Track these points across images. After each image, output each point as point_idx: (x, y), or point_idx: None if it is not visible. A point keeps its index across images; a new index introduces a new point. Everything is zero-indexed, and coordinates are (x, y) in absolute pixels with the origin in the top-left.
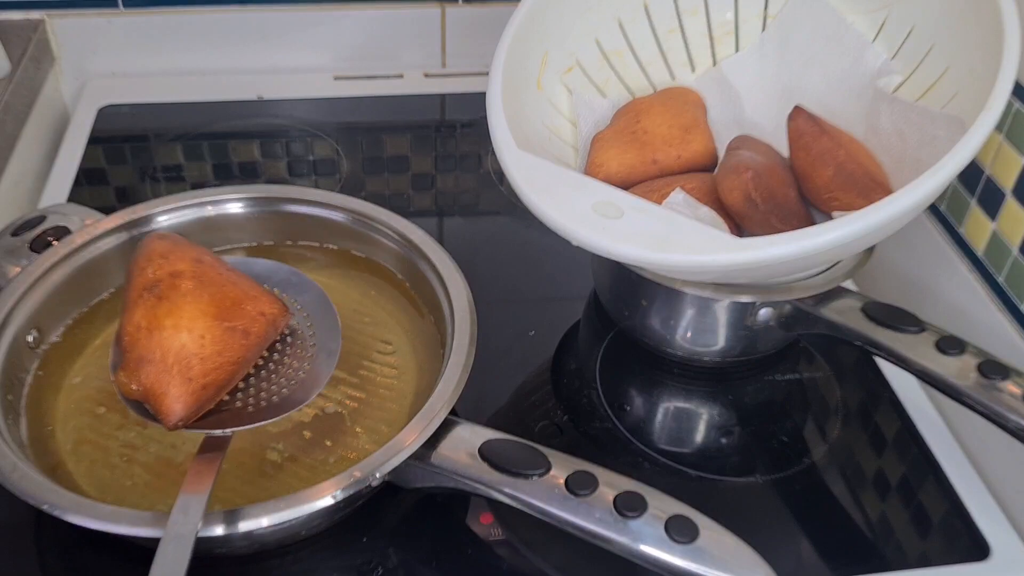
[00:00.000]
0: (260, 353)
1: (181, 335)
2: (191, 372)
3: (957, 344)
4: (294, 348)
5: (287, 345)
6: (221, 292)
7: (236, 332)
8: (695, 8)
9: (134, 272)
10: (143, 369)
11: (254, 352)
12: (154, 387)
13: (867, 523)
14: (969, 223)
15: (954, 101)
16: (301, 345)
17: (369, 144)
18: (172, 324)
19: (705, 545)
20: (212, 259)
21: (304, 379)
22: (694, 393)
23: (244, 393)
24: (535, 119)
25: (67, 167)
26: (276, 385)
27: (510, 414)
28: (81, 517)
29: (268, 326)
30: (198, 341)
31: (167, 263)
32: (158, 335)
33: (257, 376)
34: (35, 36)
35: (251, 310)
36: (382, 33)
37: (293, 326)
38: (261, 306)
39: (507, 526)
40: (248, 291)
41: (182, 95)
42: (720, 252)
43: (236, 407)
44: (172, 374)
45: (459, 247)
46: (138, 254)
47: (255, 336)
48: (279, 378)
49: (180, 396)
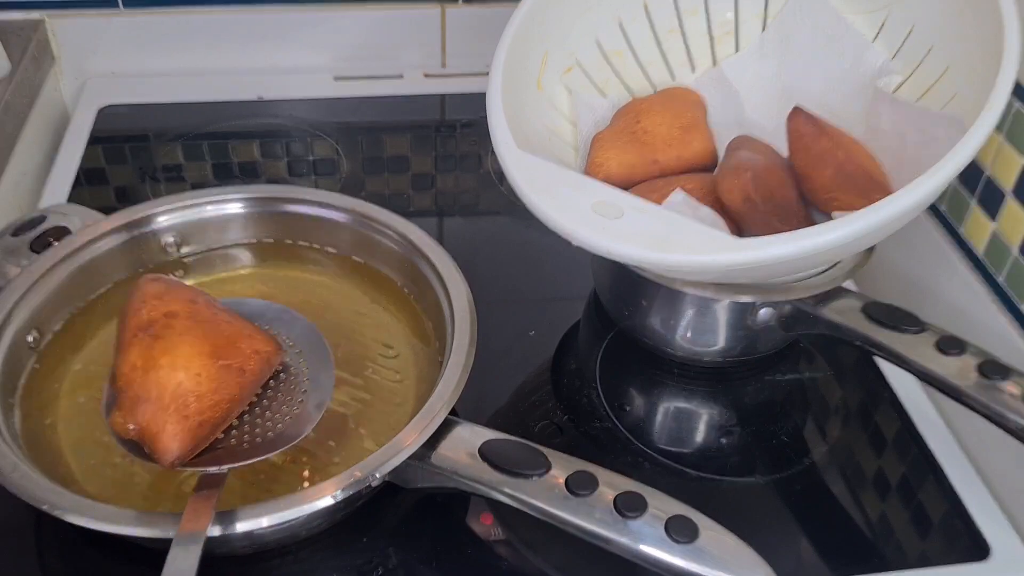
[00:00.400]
0: (255, 390)
1: (177, 374)
2: (188, 410)
3: (957, 344)
4: (287, 384)
5: (280, 382)
6: (216, 331)
7: (232, 370)
8: (695, 8)
9: (128, 313)
10: (139, 408)
11: (249, 389)
12: (150, 426)
13: (867, 523)
14: (969, 223)
15: (954, 101)
16: (295, 381)
17: (369, 144)
18: (168, 363)
19: (705, 545)
20: (206, 299)
21: (298, 414)
22: (694, 393)
23: (239, 430)
24: (535, 119)
25: (67, 167)
26: (271, 421)
27: (510, 414)
28: (81, 517)
29: (263, 363)
30: (194, 379)
31: (161, 303)
32: (154, 374)
33: (251, 413)
34: (35, 36)
35: (246, 348)
36: (382, 33)
37: (286, 362)
38: (256, 344)
39: (507, 526)
40: (242, 329)
41: (182, 95)
42: (720, 252)
43: (231, 444)
44: (168, 412)
45: (459, 247)
46: (132, 296)
47: (250, 373)
48: (273, 414)
49: (177, 434)
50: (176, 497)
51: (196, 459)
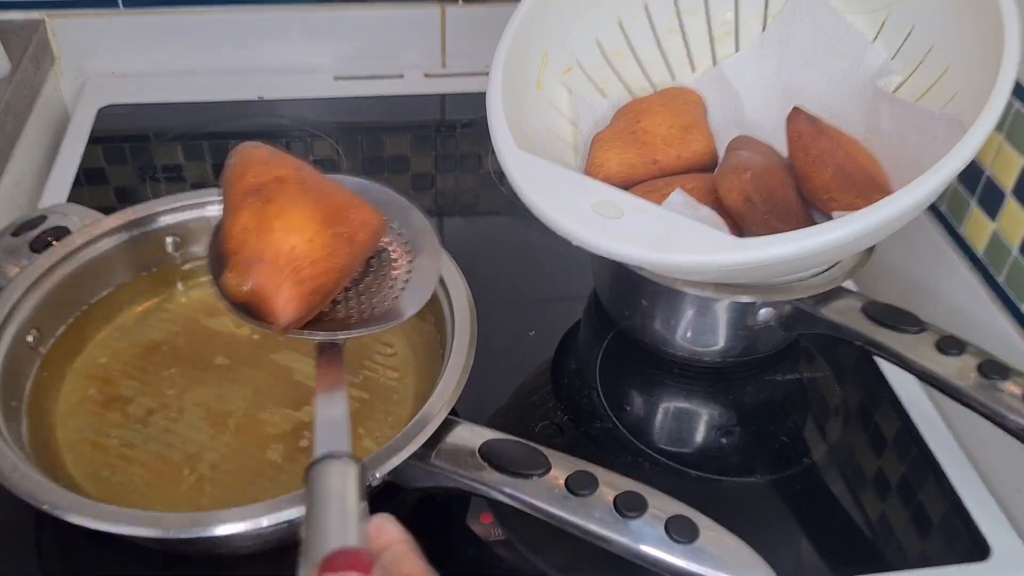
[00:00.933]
0: (362, 263)
1: (291, 237)
2: (301, 275)
3: (957, 344)
4: (388, 263)
5: (383, 260)
6: (326, 198)
7: (342, 238)
8: (695, 8)
9: (232, 178)
10: (254, 268)
11: (358, 260)
12: (266, 286)
13: (867, 523)
14: (969, 223)
15: (954, 101)
16: (396, 260)
17: (369, 144)
18: (282, 226)
19: (705, 545)
20: (310, 168)
21: (403, 293)
22: (694, 393)
23: (344, 304)
24: (535, 119)
25: (67, 167)
26: (377, 298)
27: (510, 414)
28: (81, 517)
29: (371, 235)
30: (307, 244)
31: (269, 168)
32: (268, 236)
33: (356, 288)
34: (35, 36)
35: (355, 218)
36: (382, 33)
37: (389, 238)
38: (364, 215)
39: (507, 526)
40: (350, 199)
41: (182, 95)
42: (720, 252)
43: (339, 317)
44: (284, 274)
45: (459, 247)
46: (234, 162)
47: (359, 244)
48: (380, 290)
49: (292, 297)
50: (175, 497)
51: (307, 327)
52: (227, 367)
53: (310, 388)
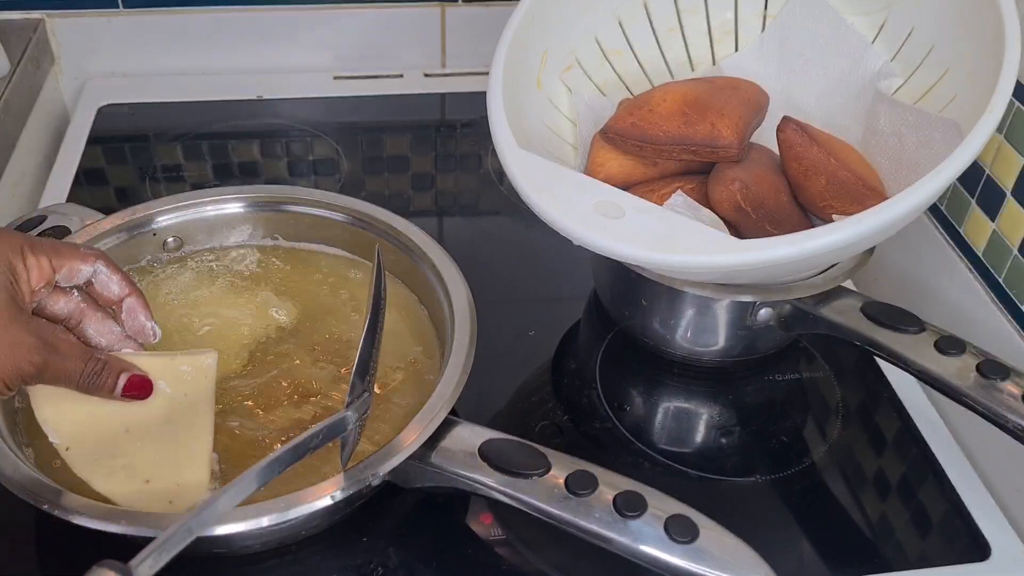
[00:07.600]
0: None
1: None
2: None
3: (957, 344)
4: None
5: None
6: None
7: None
8: (695, 7)
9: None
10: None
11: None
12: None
13: (867, 523)
14: (969, 223)
15: (954, 103)
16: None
17: (369, 144)
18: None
19: (705, 545)
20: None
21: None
22: (694, 393)
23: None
24: (535, 118)
25: (67, 167)
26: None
27: (510, 414)
28: (81, 517)
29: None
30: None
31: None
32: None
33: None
34: (35, 36)
35: None
36: (382, 33)
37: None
38: None
39: (507, 526)
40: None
41: (182, 95)
42: (721, 253)
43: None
44: None
45: (459, 247)
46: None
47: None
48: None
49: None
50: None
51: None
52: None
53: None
